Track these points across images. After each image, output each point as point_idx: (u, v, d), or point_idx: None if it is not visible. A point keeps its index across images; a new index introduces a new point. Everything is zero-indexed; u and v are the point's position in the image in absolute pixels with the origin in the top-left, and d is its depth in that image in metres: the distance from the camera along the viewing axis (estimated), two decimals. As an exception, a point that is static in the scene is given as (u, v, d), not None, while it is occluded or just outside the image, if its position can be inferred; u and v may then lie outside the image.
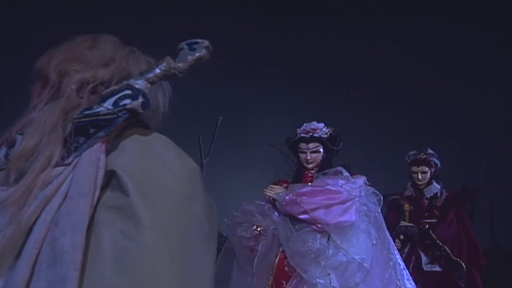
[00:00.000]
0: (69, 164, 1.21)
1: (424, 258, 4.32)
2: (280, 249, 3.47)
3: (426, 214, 4.50)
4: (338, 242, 3.28)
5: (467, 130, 6.26)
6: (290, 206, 3.42)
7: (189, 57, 1.27)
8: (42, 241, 1.16)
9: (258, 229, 3.49)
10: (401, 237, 4.41)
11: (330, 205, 3.35)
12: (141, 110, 1.25)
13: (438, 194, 4.53)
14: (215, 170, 5.42)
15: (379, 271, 3.34)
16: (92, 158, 1.21)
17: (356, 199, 3.39)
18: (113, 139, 1.25)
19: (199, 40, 1.29)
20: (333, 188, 3.40)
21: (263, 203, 3.63)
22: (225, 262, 3.58)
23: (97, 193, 1.19)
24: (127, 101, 1.24)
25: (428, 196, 4.56)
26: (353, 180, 3.48)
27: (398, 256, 3.57)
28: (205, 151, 5.29)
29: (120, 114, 1.23)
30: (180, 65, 1.27)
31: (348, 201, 3.36)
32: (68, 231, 1.16)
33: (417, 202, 4.57)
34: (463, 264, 4.21)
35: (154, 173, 1.21)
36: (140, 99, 1.24)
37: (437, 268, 4.29)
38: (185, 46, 1.28)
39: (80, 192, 1.18)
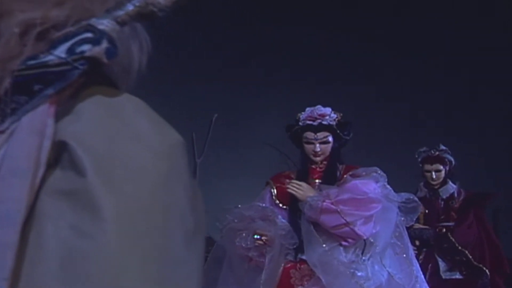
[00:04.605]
0: (3, 131, 0.90)
1: (442, 265, 4.03)
2: (287, 259, 3.07)
3: (442, 217, 4.24)
4: (379, 257, 2.90)
5: (473, 135, 6.18)
6: (326, 214, 2.91)
7: (173, -11, 0.96)
8: (-40, 238, 0.86)
9: (263, 238, 3.02)
10: (417, 242, 4.13)
11: (370, 217, 2.94)
12: (105, 60, 0.93)
13: (455, 195, 4.27)
14: (209, 171, 5.30)
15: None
16: (35, 124, 0.91)
17: (395, 208, 3.02)
18: (66, 99, 0.94)
19: None
20: (373, 197, 2.98)
21: (264, 206, 3.19)
22: (214, 271, 3.13)
23: (40, 173, 0.88)
24: (86, 46, 0.92)
25: (444, 197, 4.30)
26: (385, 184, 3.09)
27: (417, 266, 3.24)
28: (199, 150, 5.18)
29: (76, 64, 0.92)
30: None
31: (387, 210, 2.99)
32: (-4, 224, 0.85)
33: (431, 204, 4.28)
34: (487, 270, 3.93)
35: (121, 146, 0.90)
36: (104, 45, 0.92)
37: (457, 276, 3.99)
38: (167, -25, 0.96)
39: (15, 170, 0.87)
